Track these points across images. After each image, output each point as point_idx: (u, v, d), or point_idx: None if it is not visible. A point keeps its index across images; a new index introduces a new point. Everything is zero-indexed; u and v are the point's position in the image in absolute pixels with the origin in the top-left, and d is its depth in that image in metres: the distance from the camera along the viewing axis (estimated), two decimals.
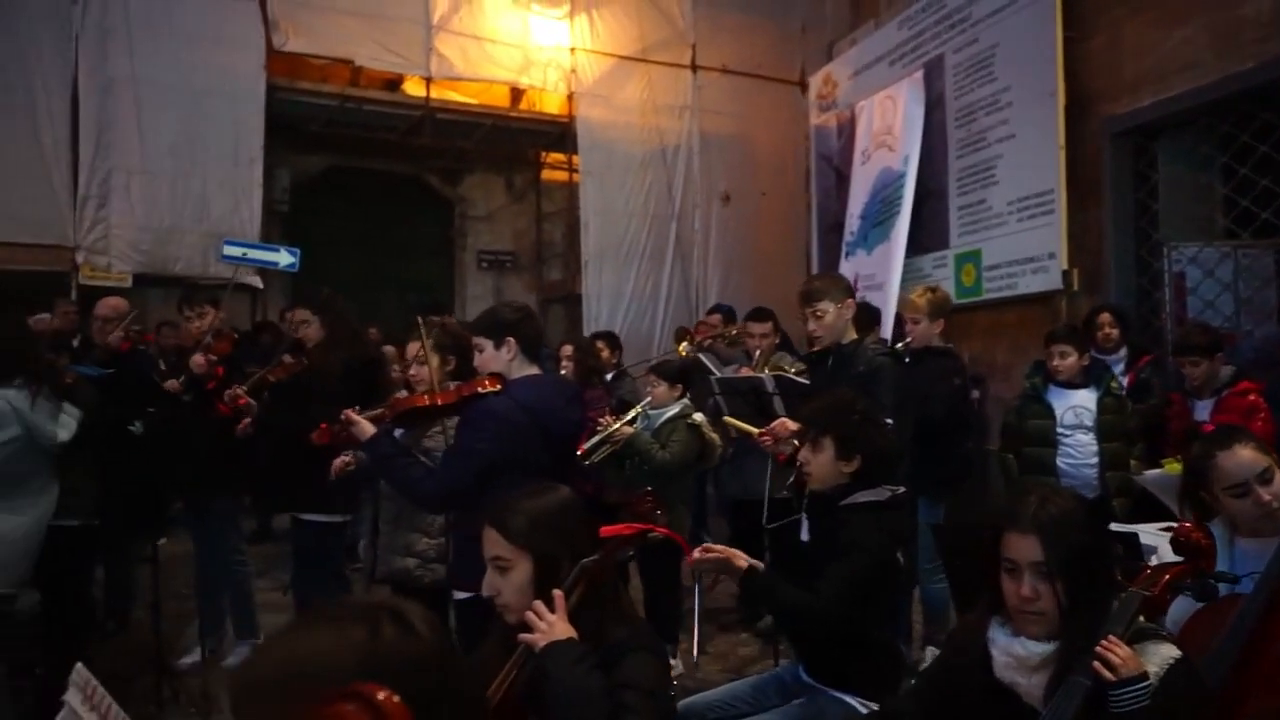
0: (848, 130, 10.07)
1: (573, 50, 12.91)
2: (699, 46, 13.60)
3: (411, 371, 3.91)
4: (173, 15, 10.80)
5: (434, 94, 12.20)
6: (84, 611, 5.24)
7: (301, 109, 11.77)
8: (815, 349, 4.46)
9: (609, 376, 7.05)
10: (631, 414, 5.30)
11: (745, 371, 5.96)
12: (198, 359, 4.84)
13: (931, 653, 5.27)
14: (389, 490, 3.96)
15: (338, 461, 4.08)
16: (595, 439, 4.92)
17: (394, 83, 12.90)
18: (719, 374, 6.27)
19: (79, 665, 2.42)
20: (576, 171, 13.11)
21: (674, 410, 5.43)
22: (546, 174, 14.07)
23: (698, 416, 5.46)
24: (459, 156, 13.37)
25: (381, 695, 0.97)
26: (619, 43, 13.24)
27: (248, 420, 4.63)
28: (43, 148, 10.28)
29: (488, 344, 3.40)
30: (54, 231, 10.35)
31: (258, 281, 11.26)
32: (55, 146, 10.33)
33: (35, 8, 10.22)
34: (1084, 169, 7.95)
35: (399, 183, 13.47)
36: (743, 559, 2.99)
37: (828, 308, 4.23)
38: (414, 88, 12.73)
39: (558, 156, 13.70)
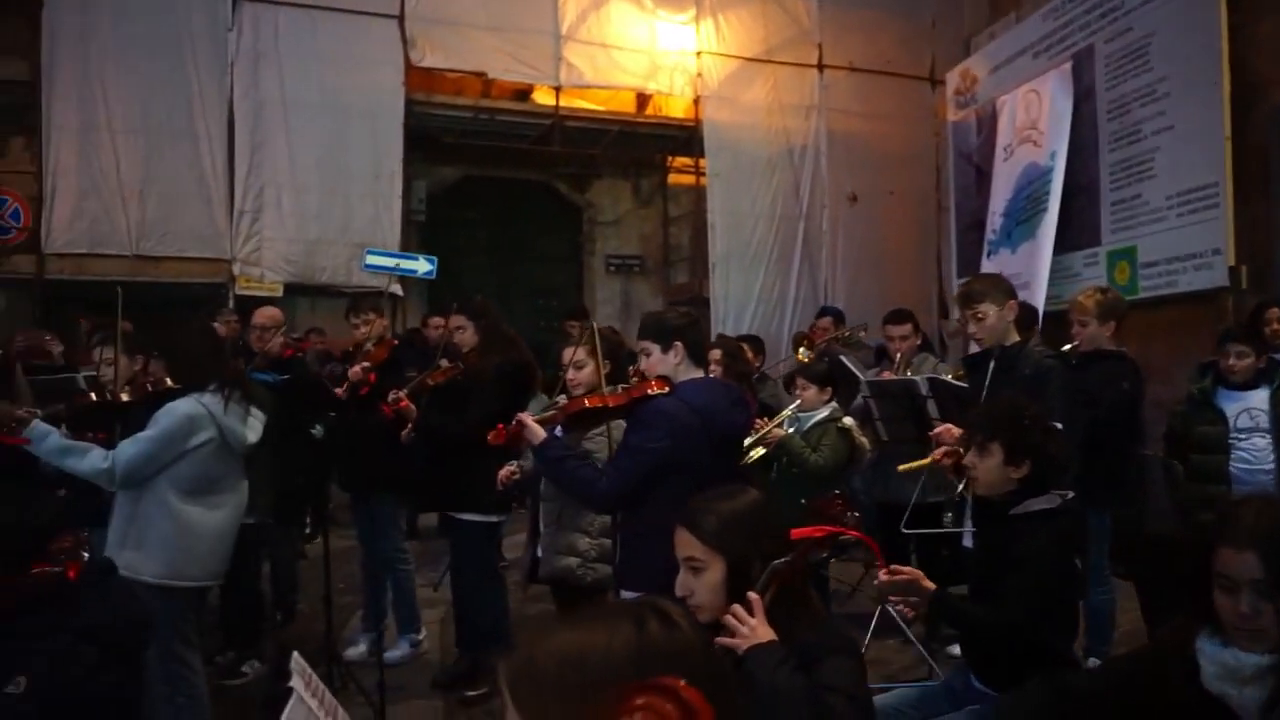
0: (988, 126, 9.78)
1: (698, 54, 12.94)
2: (825, 45, 13.44)
3: (570, 376, 3.99)
4: (318, 38, 11.32)
5: (563, 102, 12.43)
6: (255, 604, 5.55)
7: (437, 122, 12.16)
8: (973, 352, 4.34)
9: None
10: (781, 416, 5.28)
11: (886, 375, 5.86)
12: (355, 369, 5.06)
13: (1094, 665, 5.06)
14: (549, 492, 4.05)
15: (504, 471, 4.19)
16: (748, 441, 4.92)
17: (524, 93, 13.19)
18: (863, 376, 6.18)
19: (295, 654, 2.56)
20: (703, 174, 13.13)
21: (823, 413, 5.38)
22: (673, 178, 14.14)
23: (847, 420, 5.39)
24: (587, 163, 13.57)
25: (682, 686, 1.00)
26: (744, 44, 13.21)
27: (410, 426, 4.79)
28: (203, 168, 10.93)
29: (655, 348, 3.44)
30: (213, 245, 10.97)
31: (398, 289, 11.64)
32: (214, 166, 10.96)
33: (197, 38, 10.86)
34: (1251, 161, 7.50)
35: (529, 190, 13.76)
36: (928, 581, 2.94)
37: (989, 309, 4.10)
38: (543, 97, 12.98)
39: (684, 160, 13.75)
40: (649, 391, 3.40)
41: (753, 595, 2.08)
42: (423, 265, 11.73)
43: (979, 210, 9.75)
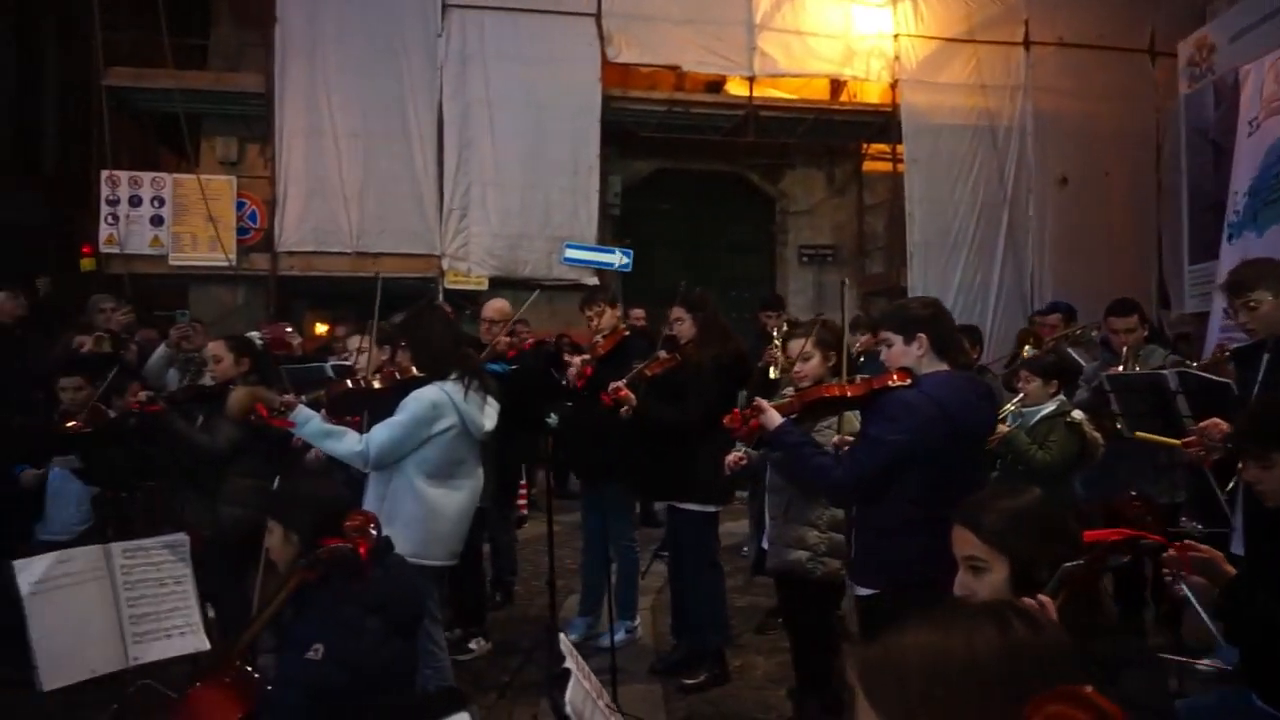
0: (1228, 98, 8.95)
1: (896, 37, 12.54)
2: (1032, 21, 12.72)
3: (797, 368, 3.94)
4: (520, 40, 11.70)
5: (755, 92, 12.34)
6: (479, 584, 5.79)
7: (632, 116, 12.32)
8: (1240, 345, 3.97)
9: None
10: (1004, 411, 5.02)
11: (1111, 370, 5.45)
12: (575, 361, 5.18)
13: None
14: (775, 483, 4.01)
15: (732, 456, 4.19)
16: None
17: (716, 84, 13.18)
18: (1087, 369, 5.80)
19: (562, 636, 2.63)
20: (900, 161, 12.73)
21: (1050, 408, 5.07)
22: (868, 165, 13.78)
23: (1077, 414, 5.06)
24: (780, 153, 13.42)
25: (1092, 692, 0.94)
26: (944, 25, 12.69)
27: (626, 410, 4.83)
28: (415, 168, 11.52)
29: (897, 339, 3.33)
30: (424, 241, 11.56)
31: (595, 282, 11.92)
32: (425, 166, 11.54)
33: (410, 45, 11.46)
34: None
35: (722, 182, 13.76)
36: (1228, 565, 2.65)
37: (1263, 297, 3.74)
38: (736, 87, 12.92)
39: (880, 147, 13.38)
40: (890, 383, 3.30)
41: (1043, 598, 1.97)
42: (619, 258, 12.03)
43: (1217, 191, 8.94)
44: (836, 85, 13.32)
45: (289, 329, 7.33)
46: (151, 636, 2.94)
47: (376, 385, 3.86)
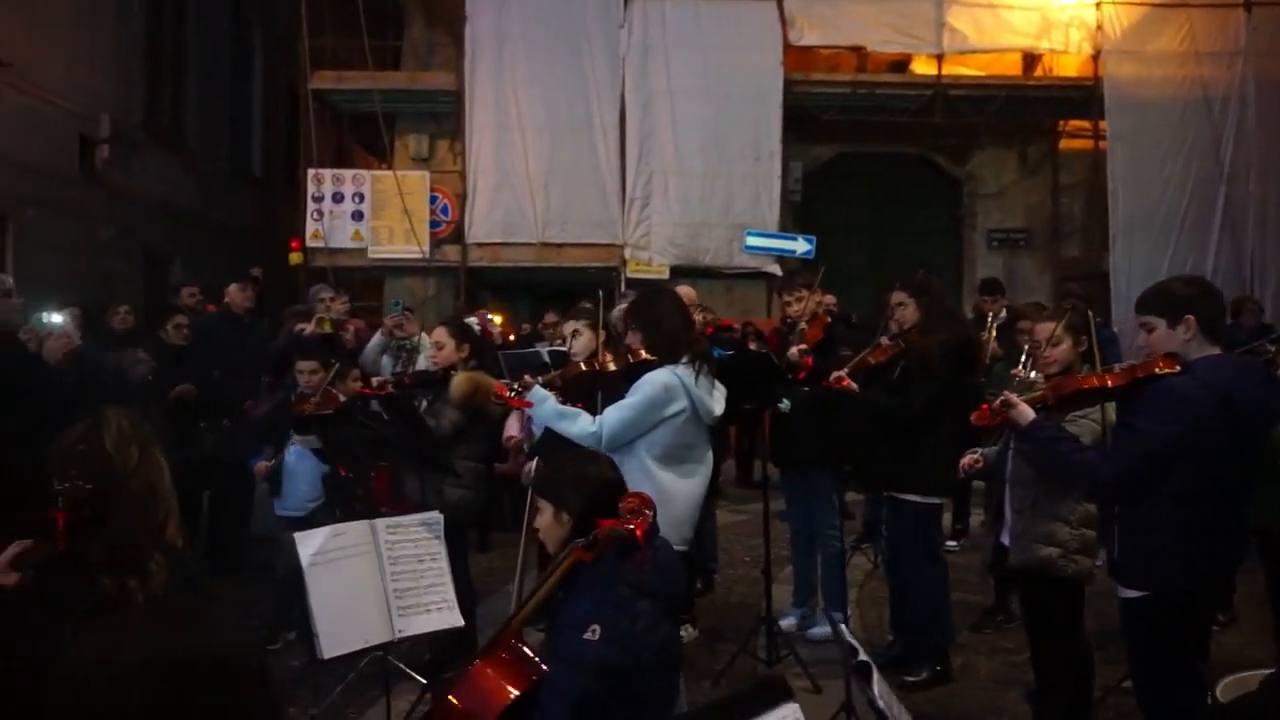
0: None
1: (1099, 5, 11.79)
2: None
3: (1046, 354, 3.71)
4: (701, 28, 11.66)
5: (944, 70, 11.86)
6: (690, 571, 5.78)
7: (814, 100, 12.08)
8: None
9: None
10: None
11: None
12: (792, 351, 5.08)
13: None
14: (1018, 475, 3.79)
15: (967, 459, 4.00)
16: None
17: (901, 64, 12.75)
18: None
19: (843, 627, 2.55)
20: (1102, 138, 11.98)
21: None
22: (1065, 143, 13.04)
23: None
24: (968, 133, 12.86)
25: None
26: None
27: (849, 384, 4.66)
28: (598, 159, 11.68)
29: (1160, 323, 3.08)
30: (606, 231, 11.70)
31: (777, 270, 11.77)
32: (607, 157, 11.67)
33: (593, 38, 11.61)
34: None
35: (906, 164, 13.32)
36: None
37: None
38: (921, 66, 12.47)
39: (1079, 123, 12.62)
40: (1156, 370, 3.04)
41: None
42: (801, 245, 11.83)
43: None
44: (1029, 60, 12.66)
45: (491, 317, 7.55)
46: (413, 611, 3.04)
47: (612, 367, 3.87)
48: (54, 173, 11.53)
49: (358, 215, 11.62)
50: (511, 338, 8.45)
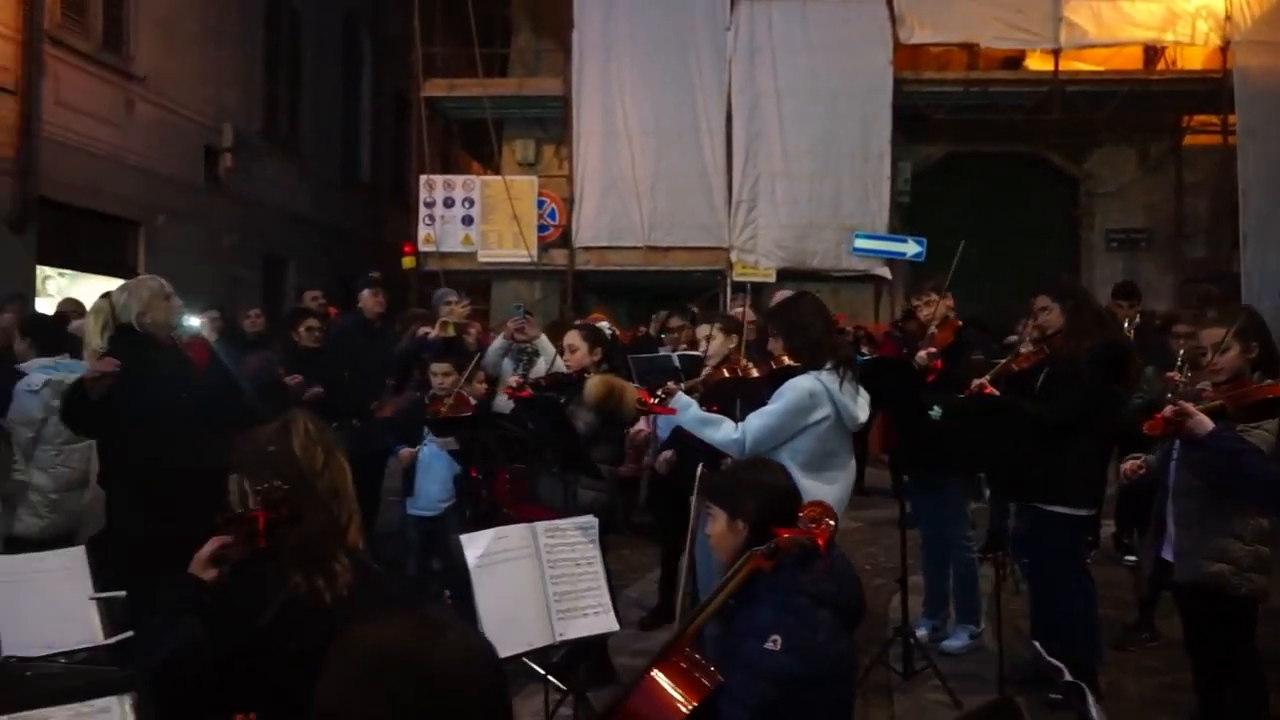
0: None
1: None
2: None
3: (1213, 361, 3.54)
4: (809, 28, 11.55)
5: (1060, 65, 11.50)
6: None
7: (925, 99, 11.85)
8: None
9: None
10: None
11: None
12: (920, 354, 4.98)
13: None
14: (1183, 486, 3.63)
15: (1129, 465, 3.84)
16: None
17: (1013, 60, 12.42)
18: None
19: (1036, 644, 2.48)
20: (1231, 133, 11.45)
21: None
22: (1189, 139, 12.51)
23: None
24: (1084, 130, 12.44)
25: None
26: None
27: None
28: (704, 162, 11.67)
29: None
30: (712, 234, 11.68)
31: (886, 273, 11.59)
32: (714, 159, 11.65)
33: (699, 41, 11.61)
34: None
35: (1019, 164, 12.96)
36: None
37: None
38: (1036, 63, 12.13)
39: (1205, 118, 12.09)
40: None
41: None
42: (911, 247, 11.61)
43: None
44: (1151, 53, 12.19)
45: (604, 321, 7.59)
46: (572, 615, 3.06)
47: (755, 373, 3.85)
48: (182, 181, 12.06)
49: (468, 220, 11.84)
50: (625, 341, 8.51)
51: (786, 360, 3.86)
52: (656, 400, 3.73)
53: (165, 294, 4.11)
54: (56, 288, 10.65)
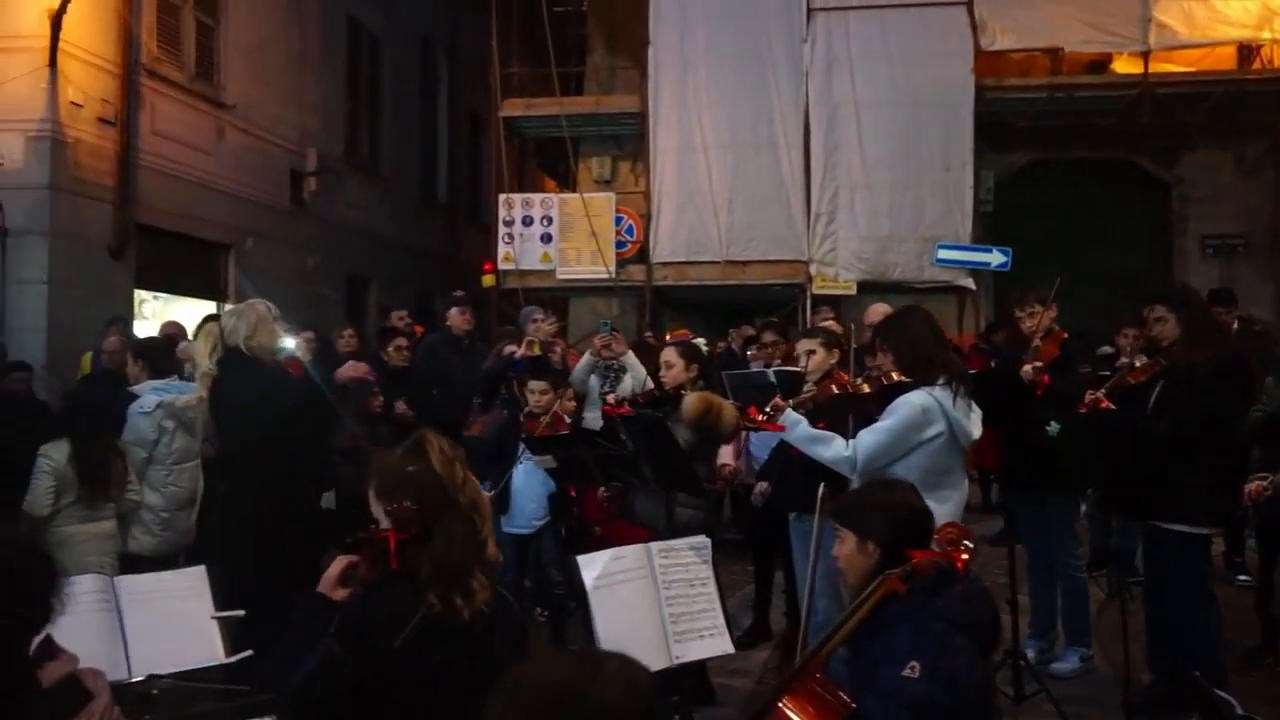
0: None
1: None
2: None
3: None
4: (887, 38, 11.42)
5: (1150, 67, 11.18)
6: None
7: (1008, 107, 11.63)
8: None
9: None
10: None
11: None
12: (1026, 369, 4.83)
13: None
14: None
15: (1253, 485, 3.68)
16: None
17: (1096, 64, 12.12)
18: None
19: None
20: None
21: None
22: None
23: None
24: (1176, 134, 12.06)
25: None
26: None
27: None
28: (781, 175, 11.59)
29: None
30: (791, 247, 11.59)
31: (970, 283, 11.36)
32: (792, 172, 11.57)
33: (776, 54, 11.56)
34: None
35: (1106, 170, 12.61)
36: None
37: None
38: (1123, 65, 11.81)
39: None
40: None
41: None
42: (996, 257, 11.36)
43: None
44: (1245, 52, 11.78)
45: (690, 337, 7.56)
46: (688, 636, 3.02)
47: (866, 389, 3.77)
48: (269, 205, 12.39)
49: (546, 238, 11.94)
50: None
51: (896, 376, 3.78)
52: (765, 417, 3.67)
53: (271, 317, 4.20)
54: (152, 311, 11.01)
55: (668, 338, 8.50)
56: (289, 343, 7.54)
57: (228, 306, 11.54)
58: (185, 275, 11.39)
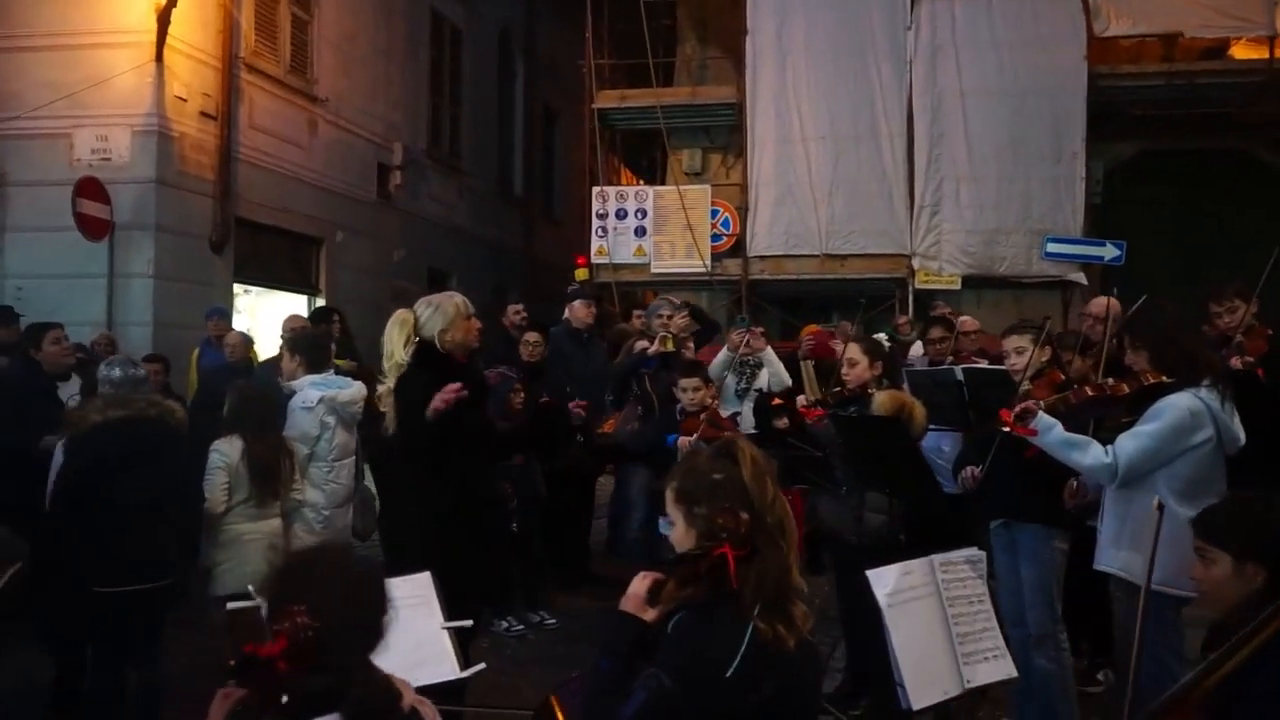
0: None
1: None
2: None
3: None
4: (995, 25, 11.04)
5: (1277, 53, 10.70)
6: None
7: (1121, 95, 11.18)
8: None
9: None
10: None
11: None
12: (1234, 361, 4.52)
13: None
14: None
15: None
16: None
17: (1213, 50, 11.64)
18: None
19: None
20: None
21: None
22: None
23: None
24: None
25: None
26: None
27: None
28: (884, 167, 11.25)
29: None
30: (893, 241, 11.25)
31: (1082, 278, 10.97)
32: (894, 164, 11.23)
33: (878, 42, 11.22)
34: None
35: (1224, 160, 12.10)
36: None
37: None
38: (1242, 51, 11.33)
39: None
40: None
41: None
42: (1109, 251, 10.94)
43: None
44: None
45: (833, 334, 7.28)
46: (974, 658, 2.77)
47: (1125, 389, 3.49)
48: (357, 199, 12.30)
49: (640, 231, 11.71)
50: None
51: (1153, 377, 3.49)
52: (1016, 421, 3.41)
53: (467, 314, 3.98)
54: (245, 305, 10.95)
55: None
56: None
57: (320, 301, 11.53)
58: (280, 269, 11.33)
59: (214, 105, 9.83)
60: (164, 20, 8.97)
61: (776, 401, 6.62)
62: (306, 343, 5.15)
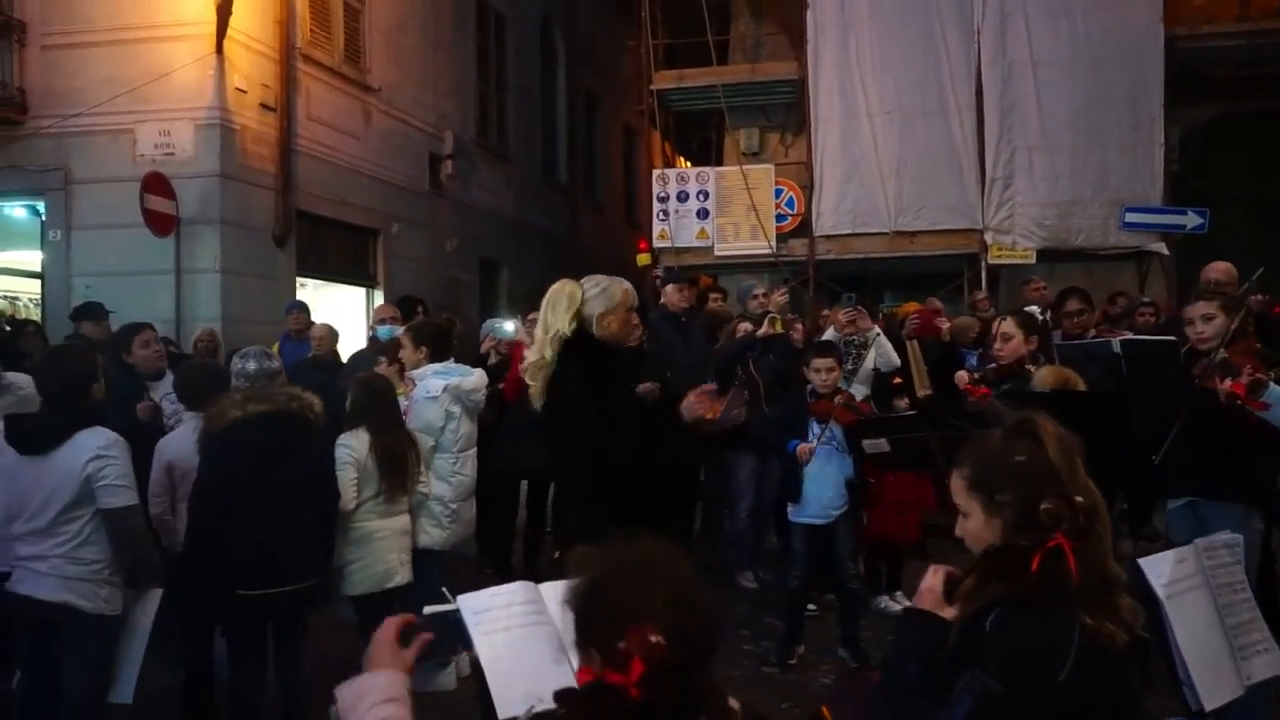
0: None
1: None
2: None
3: None
4: None
5: None
6: None
7: (1199, 57, 10.80)
8: None
9: None
10: None
11: None
12: None
13: None
14: None
15: None
16: None
17: None
18: None
19: None
20: None
21: None
22: None
23: None
24: None
25: None
26: None
27: None
28: (953, 140, 10.95)
29: None
30: (965, 216, 10.95)
31: (1163, 248, 10.66)
32: (964, 137, 10.92)
33: (944, 12, 10.88)
34: None
35: None
36: None
37: None
38: None
39: None
40: None
41: None
42: (1191, 219, 10.61)
43: None
44: None
45: (939, 312, 7.03)
46: (1248, 651, 2.53)
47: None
48: (411, 189, 12.10)
49: (703, 213, 11.45)
50: None
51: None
52: (1248, 393, 3.16)
53: (630, 305, 3.69)
54: (305, 298, 10.74)
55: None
56: (507, 325, 7.20)
57: (378, 293, 11.35)
58: (339, 261, 11.16)
59: (273, 97, 9.65)
60: (224, 12, 8.79)
61: (897, 381, 6.42)
62: (431, 332, 4.95)
